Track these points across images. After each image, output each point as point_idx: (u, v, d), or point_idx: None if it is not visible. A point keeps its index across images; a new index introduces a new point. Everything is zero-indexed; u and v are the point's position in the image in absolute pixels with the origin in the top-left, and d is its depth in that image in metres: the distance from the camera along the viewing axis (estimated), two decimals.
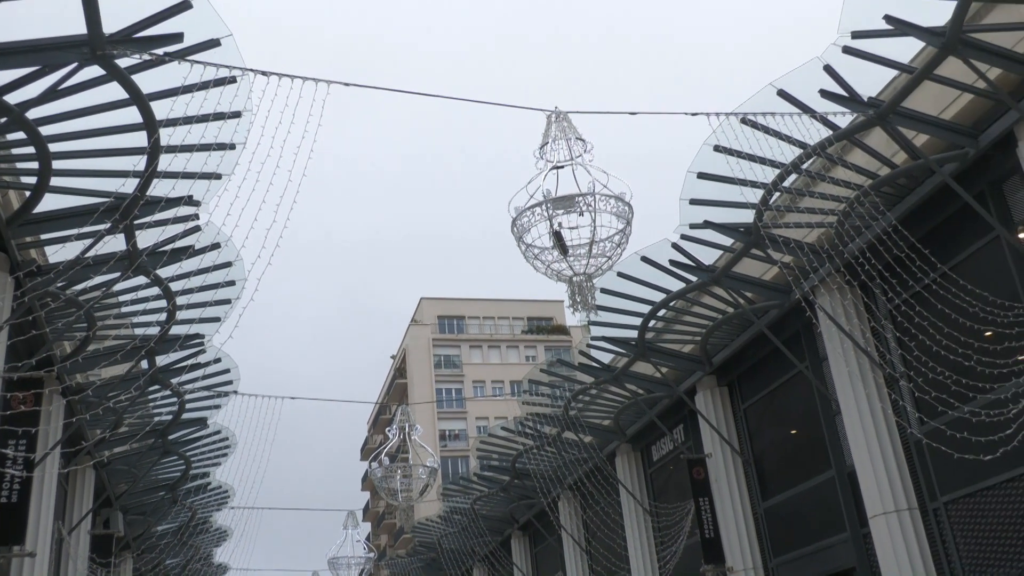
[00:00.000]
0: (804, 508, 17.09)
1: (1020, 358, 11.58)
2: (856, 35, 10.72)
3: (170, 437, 19.66)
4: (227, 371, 17.46)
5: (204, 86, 8.96)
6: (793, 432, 17.79)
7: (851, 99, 11.71)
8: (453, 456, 63.67)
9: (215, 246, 11.93)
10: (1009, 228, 12.33)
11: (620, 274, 15.95)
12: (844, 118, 11.98)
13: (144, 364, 15.14)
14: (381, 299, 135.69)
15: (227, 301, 13.18)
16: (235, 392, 18.06)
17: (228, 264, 12.41)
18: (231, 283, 12.92)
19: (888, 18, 10.39)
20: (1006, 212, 12.50)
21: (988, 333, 12.10)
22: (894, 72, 11.90)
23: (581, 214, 10.47)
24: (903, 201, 13.59)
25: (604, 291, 16.31)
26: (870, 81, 11.66)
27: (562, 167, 10.62)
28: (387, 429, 24.98)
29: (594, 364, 19.98)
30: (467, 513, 30.09)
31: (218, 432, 20.61)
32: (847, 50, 10.97)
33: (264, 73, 8.67)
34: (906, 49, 11.42)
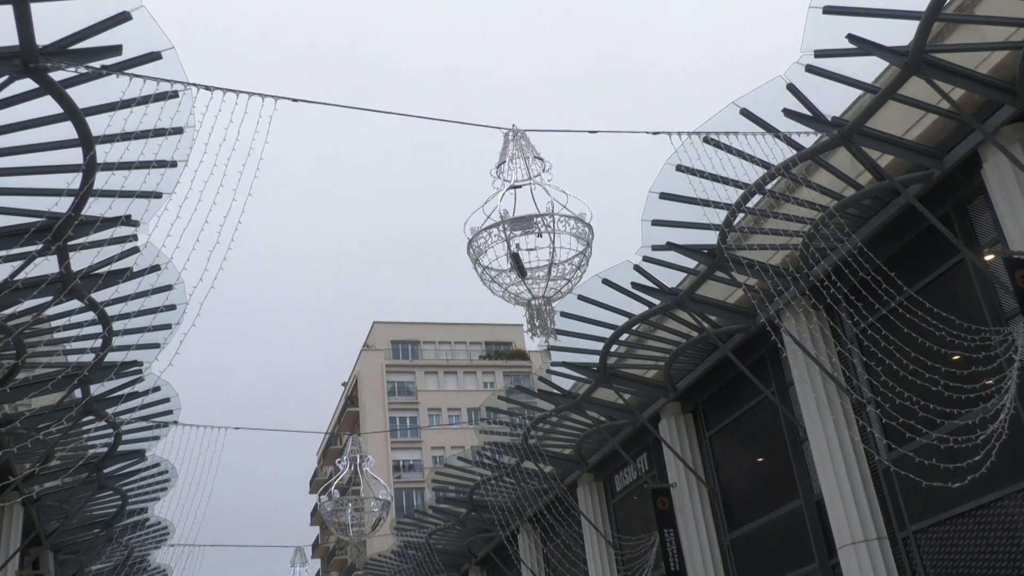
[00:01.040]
0: (772, 538, 17.21)
1: (987, 383, 11.81)
2: (819, 54, 10.94)
3: (105, 471, 19.27)
4: (166, 400, 17.20)
5: (144, 101, 8.88)
6: (760, 460, 17.96)
7: (815, 119, 11.93)
8: (407, 488, 63.14)
9: (154, 268, 11.78)
10: (974, 250, 12.61)
11: (581, 297, 16.03)
12: (808, 138, 12.20)
13: (77, 393, 14.85)
14: (334, 322, 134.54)
15: (167, 326, 13.00)
16: (175, 423, 17.78)
17: (168, 287, 12.24)
18: (171, 307, 12.74)
19: (851, 37, 10.62)
20: (971, 234, 12.79)
21: (955, 357, 12.33)
22: (858, 92, 12.17)
23: (540, 235, 10.49)
24: (868, 223, 13.85)
25: (564, 315, 16.37)
26: (834, 101, 11.90)
27: (520, 187, 10.66)
28: (338, 460, 24.73)
29: (554, 391, 20.00)
30: (422, 548, 29.84)
31: (157, 465, 20.25)
32: (810, 69, 11.19)
33: (207, 88, 8.62)
34: (870, 69, 11.68)
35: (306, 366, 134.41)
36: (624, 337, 17.55)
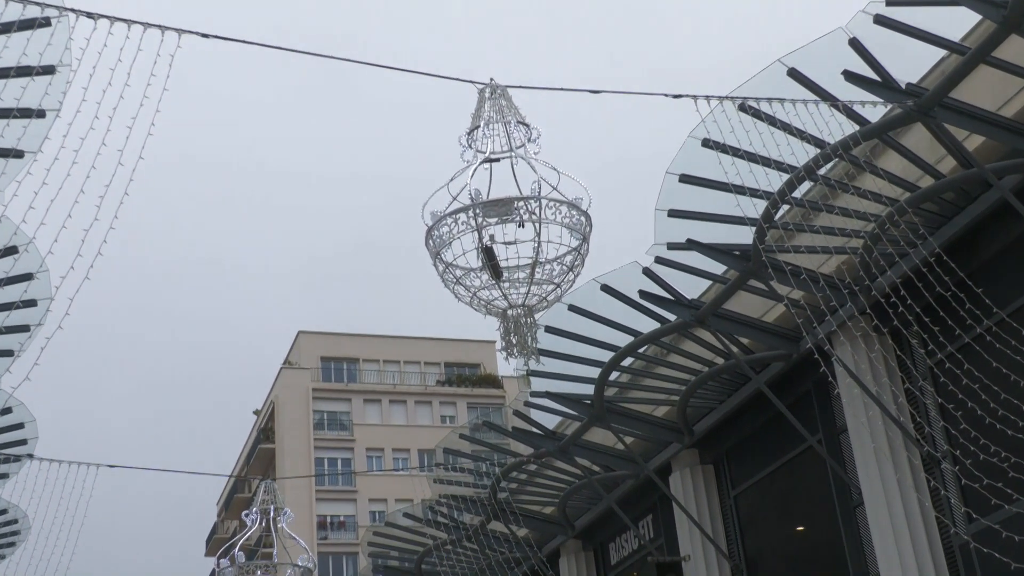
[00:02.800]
0: None
1: None
2: (892, 1, 11.03)
3: None
4: (20, 426, 17.08)
5: (4, 29, 8.87)
6: (800, 528, 18.05)
7: (884, 85, 12.02)
8: (335, 552, 63.04)
9: (9, 251, 11.73)
10: None
11: (572, 308, 16.07)
12: (875, 110, 12.29)
13: None
14: (243, 331, 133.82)
15: (25, 328, 12.94)
16: (29, 456, 17.66)
17: (28, 276, 12.20)
18: (31, 303, 12.69)
19: None
20: None
21: None
22: (941, 52, 12.27)
23: (522, 225, 10.47)
24: (950, 223, 13.97)
25: (550, 330, 16.41)
26: (910, 63, 12.01)
27: (497, 160, 10.67)
28: (245, 513, 24.67)
29: (534, 429, 20.04)
30: None
31: (3, 512, 20.09)
32: (880, 20, 11.28)
33: (90, 15, 8.60)
34: (957, 24, 11.79)
35: (208, 388, 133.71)
36: (628, 362, 17.59)
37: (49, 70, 9.51)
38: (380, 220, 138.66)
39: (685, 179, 13.25)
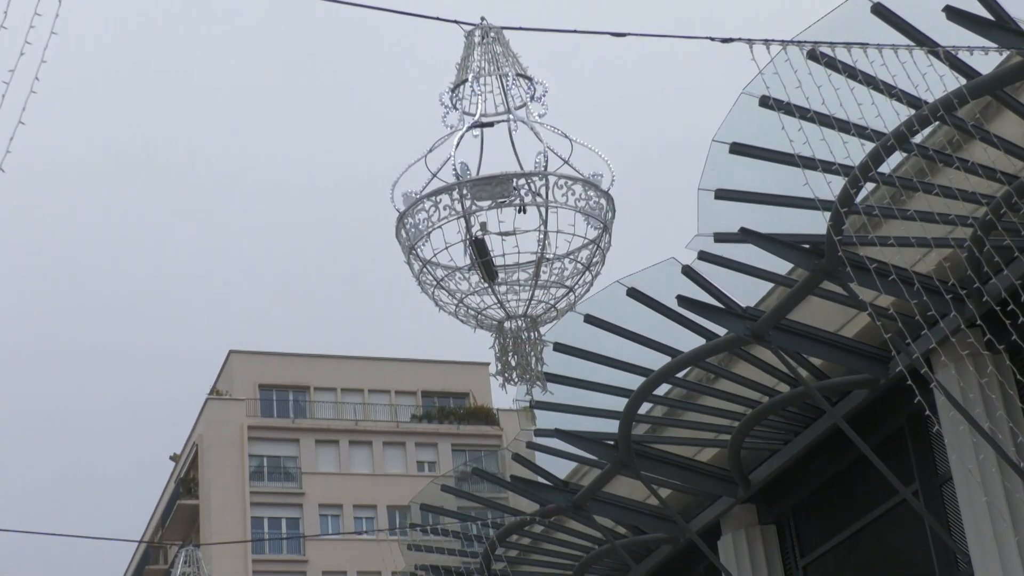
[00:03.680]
0: None
1: None
2: None
3: None
4: None
5: None
6: None
7: (999, 25, 12.01)
8: None
9: None
10: None
11: (589, 319, 16.10)
12: (987, 59, 12.27)
13: None
14: (153, 347, 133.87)
15: None
16: None
17: None
18: None
19: None
20: None
21: None
22: None
23: (523, 210, 10.54)
24: None
25: (560, 348, 16.44)
26: None
27: (491, 125, 10.72)
28: None
29: (540, 479, 20.05)
30: None
31: None
32: None
33: None
34: None
35: (116, 428, 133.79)
36: (663, 390, 17.58)
37: None
38: (340, 202, 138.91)
39: (737, 149, 13.25)
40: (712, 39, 10.95)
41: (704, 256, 14.88)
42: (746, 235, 14.18)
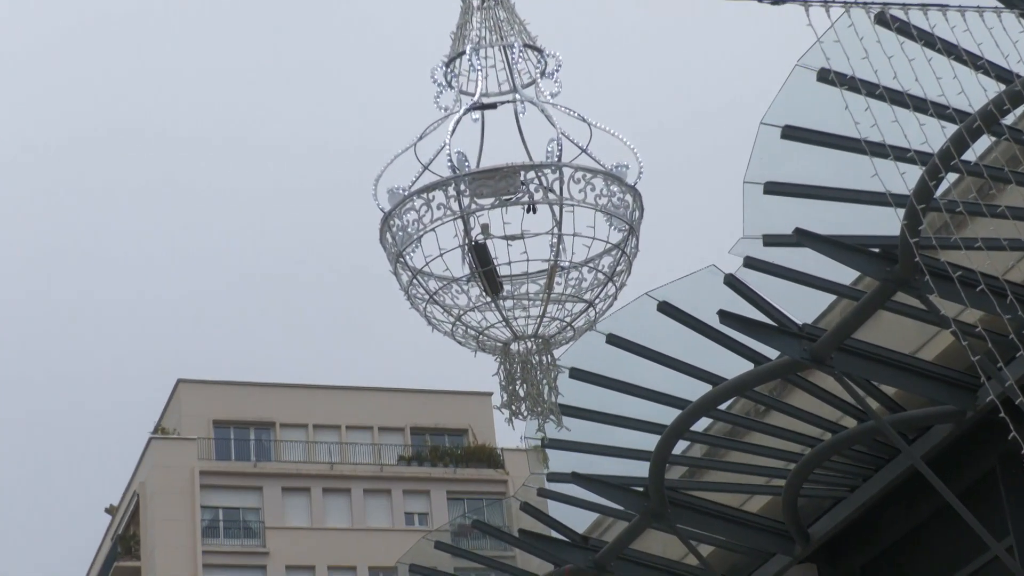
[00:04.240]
0: None
1: None
2: None
3: None
4: None
5: None
6: None
7: None
8: None
9: None
10: None
11: (613, 339, 16.08)
12: None
13: None
14: (91, 378, 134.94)
15: None
16: None
17: None
18: None
19: None
20: None
21: None
22: None
23: (532, 209, 10.55)
24: None
25: (577, 375, 16.41)
26: None
27: (493, 107, 10.76)
28: None
29: (555, 534, 20.06)
30: None
31: None
32: None
33: None
34: None
35: (47, 473, 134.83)
36: (702, 425, 17.51)
37: None
38: (313, 203, 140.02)
39: (791, 134, 13.21)
40: (761, 0, 10.89)
41: (751, 263, 14.79)
42: (802, 237, 14.12)
